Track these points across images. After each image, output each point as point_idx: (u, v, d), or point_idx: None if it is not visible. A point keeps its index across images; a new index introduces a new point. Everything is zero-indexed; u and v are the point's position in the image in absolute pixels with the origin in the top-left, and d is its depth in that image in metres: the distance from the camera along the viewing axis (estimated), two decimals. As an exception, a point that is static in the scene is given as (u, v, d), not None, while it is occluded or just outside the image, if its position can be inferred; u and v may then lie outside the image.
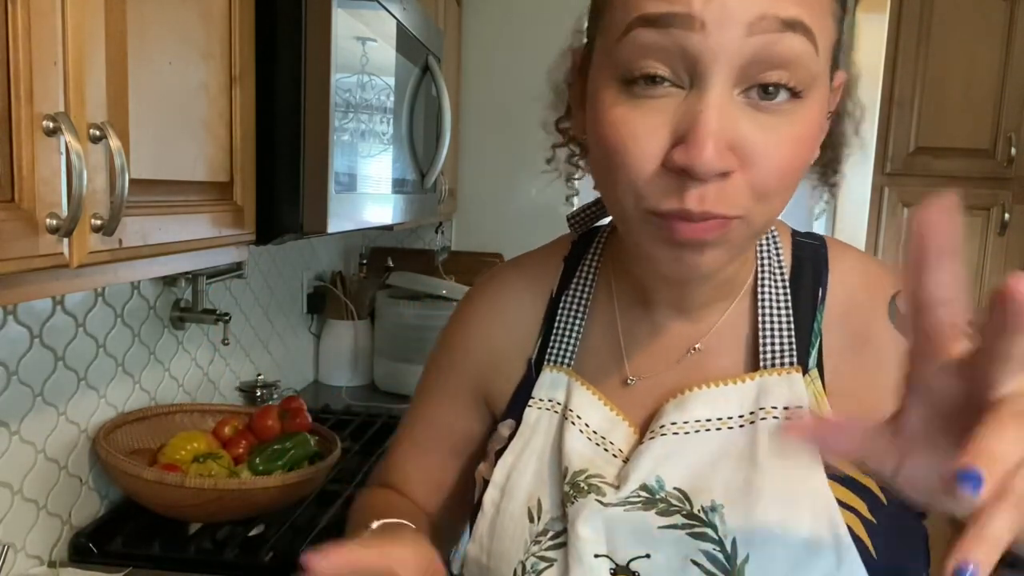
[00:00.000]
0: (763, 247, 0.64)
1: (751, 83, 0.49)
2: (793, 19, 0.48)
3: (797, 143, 0.51)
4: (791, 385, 0.59)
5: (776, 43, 0.48)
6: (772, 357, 0.61)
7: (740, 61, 0.48)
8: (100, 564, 1.17)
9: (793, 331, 0.61)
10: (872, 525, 0.55)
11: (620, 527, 0.57)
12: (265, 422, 1.39)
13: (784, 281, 0.63)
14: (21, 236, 0.59)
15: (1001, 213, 2.43)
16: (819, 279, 0.63)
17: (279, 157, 1.00)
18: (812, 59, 0.49)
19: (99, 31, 0.66)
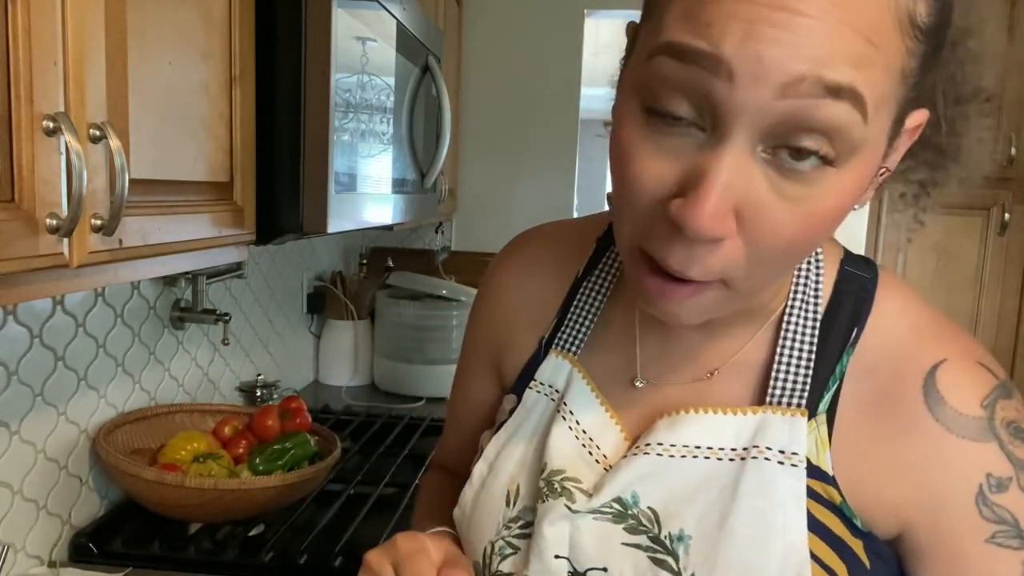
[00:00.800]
0: (800, 274, 0.59)
1: (779, 143, 0.43)
2: (840, 85, 0.41)
3: (816, 218, 0.45)
4: (792, 427, 0.55)
5: (815, 109, 0.42)
6: (780, 395, 0.56)
7: (768, 121, 0.43)
8: (100, 564, 1.17)
9: (811, 371, 0.56)
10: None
11: (585, 535, 0.57)
12: (265, 422, 1.39)
13: (816, 315, 0.58)
14: (21, 236, 0.59)
15: (1001, 213, 2.43)
16: (857, 318, 0.57)
17: (279, 157, 1.00)
18: (858, 128, 0.43)
19: (99, 31, 0.66)
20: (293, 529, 1.30)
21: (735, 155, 0.43)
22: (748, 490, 0.54)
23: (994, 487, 0.53)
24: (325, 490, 1.42)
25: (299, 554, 1.19)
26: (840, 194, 0.45)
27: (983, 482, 0.53)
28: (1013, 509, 0.53)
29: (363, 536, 1.27)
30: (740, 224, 0.45)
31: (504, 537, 0.61)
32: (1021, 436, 0.54)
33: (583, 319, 0.66)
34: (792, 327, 0.58)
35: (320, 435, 1.41)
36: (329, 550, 1.21)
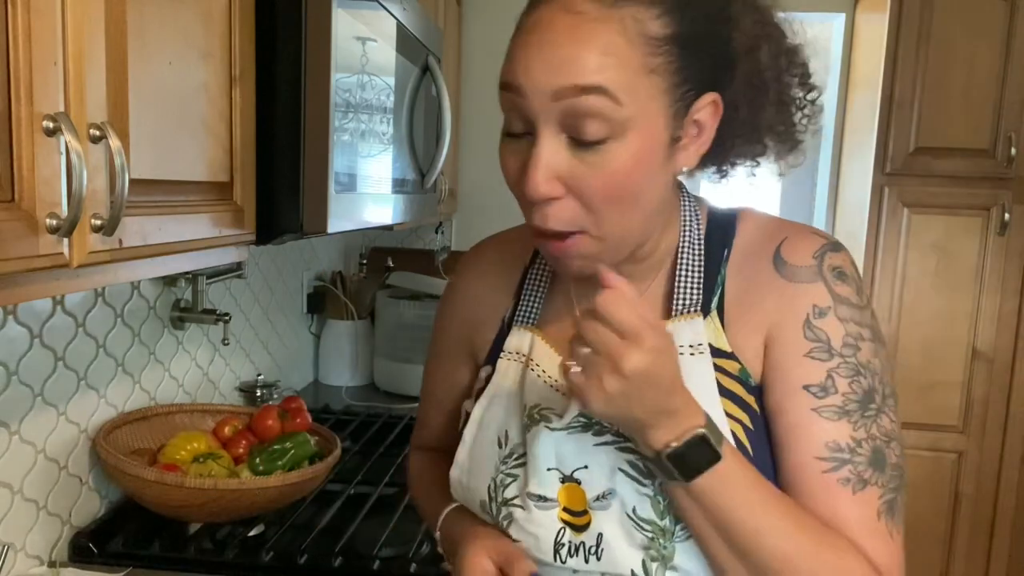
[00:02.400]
0: (685, 221, 0.78)
1: (570, 133, 0.65)
2: (586, 84, 0.62)
3: (618, 174, 0.65)
4: (693, 327, 0.73)
5: (578, 103, 0.63)
6: (681, 307, 0.75)
7: (555, 115, 0.64)
8: (100, 564, 1.17)
9: (702, 284, 0.75)
10: (750, 431, 0.71)
11: (565, 446, 0.73)
12: (265, 422, 1.39)
13: (700, 247, 0.77)
14: (21, 236, 0.59)
15: (1001, 213, 2.43)
16: (725, 240, 0.77)
17: (279, 157, 1.00)
18: (615, 110, 0.63)
19: (99, 31, 0.66)
20: (293, 529, 1.30)
21: (546, 140, 0.65)
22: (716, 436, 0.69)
23: (817, 315, 0.71)
24: (325, 490, 1.42)
25: (299, 554, 1.19)
26: (629, 155, 0.65)
27: (809, 311, 0.71)
28: (828, 331, 0.71)
29: (363, 536, 1.27)
30: (567, 187, 0.66)
31: (503, 471, 0.76)
32: (842, 278, 0.73)
33: (534, 298, 0.83)
34: (684, 258, 0.76)
35: (320, 435, 1.41)
36: (329, 550, 1.21)
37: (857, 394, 0.69)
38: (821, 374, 0.70)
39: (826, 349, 0.70)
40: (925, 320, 2.49)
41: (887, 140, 2.44)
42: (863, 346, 0.71)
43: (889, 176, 2.46)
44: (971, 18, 2.37)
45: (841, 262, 0.73)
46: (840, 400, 0.69)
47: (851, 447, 0.69)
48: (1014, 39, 2.35)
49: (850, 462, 0.68)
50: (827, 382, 0.70)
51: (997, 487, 2.53)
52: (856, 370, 0.70)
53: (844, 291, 0.72)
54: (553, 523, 0.73)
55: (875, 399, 0.70)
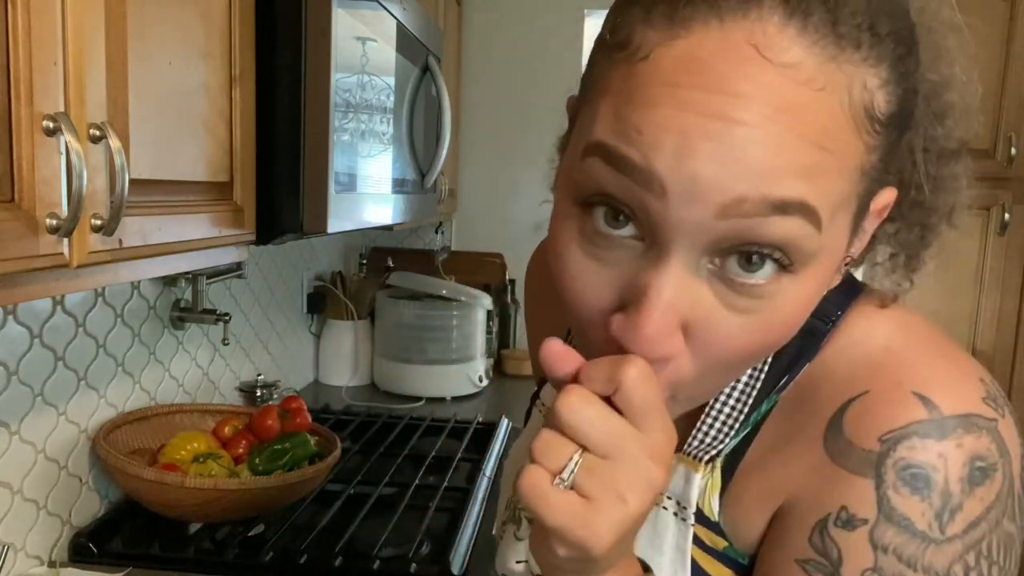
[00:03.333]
0: None
1: (724, 255, 0.39)
2: (787, 201, 0.37)
3: (773, 328, 0.41)
4: (687, 481, 0.51)
5: (760, 227, 0.37)
6: (695, 448, 0.52)
7: (710, 239, 0.38)
8: (100, 564, 1.17)
9: (736, 423, 0.51)
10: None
11: None
12: (265, 422, 1.39)
13: (764, 365, 0.51)
14: (21, 236, 0.59)
15: (1001, 213, 2.43)
16: (794, 364, 0.50)
17: (279, 157, 1.00)
18: (811, 239, 0.38)
19: (99, 31, 0.66)
20: (293, 529, 1.30)
21: (678, 270, 0.39)
22: (647, 535, 0.51)
23: (842, 522, 0.45)
24: (325, 490, 1.42)
25: (299, 554, 1.19)
26: (798, 301, 0.41)
27: (833, 512, 0.46)
28: (844, 550, 0.45)
29: (363, 536, 1.27)
30: (688, 339, 0.40)
31: (499, 528, 0.67)
32: (914, 483, 0.44)
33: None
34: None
35: (320, 435, 1.41)
36: (329, 550, 1.21)
37: None
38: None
39: (828, 571, 0.45)
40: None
41: (887, 140, 2.44)
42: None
43: (889, 176, 2.47)
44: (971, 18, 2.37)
45: (931, 459, 0.44)
46: None
47: None
48: (1014, 39, 2.35)
49: None
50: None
51: (997, 487, 2.53)
52: None
53: (907, 507, 0.44)
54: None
55: None
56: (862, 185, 0.41)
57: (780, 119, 0.36)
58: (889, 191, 0.45)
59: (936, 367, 0.47)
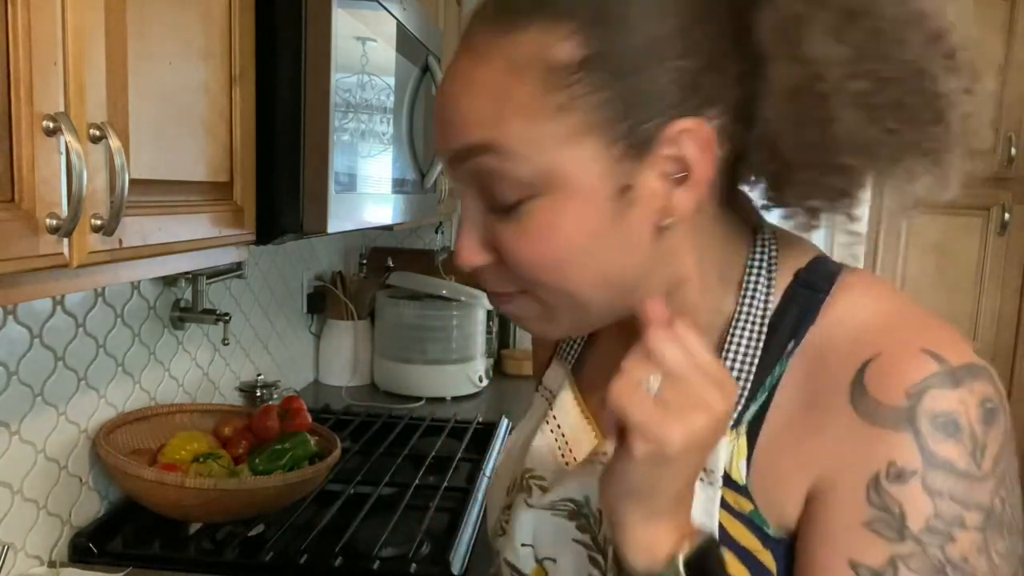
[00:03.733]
0: (750, 286, 0.57)
1: (483, 194, 0.53)
2: (474, 144, 0.51)
3: (536, 239, 0.52)
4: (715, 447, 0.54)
5: (475, 166, 0.52)
6: None
7: (465, 179, 0.54)
8: (100, 564, 1.17)
9: (748, 389, 0.55)
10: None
11: (544, 526, 0.63)
12: (265, 422, 1.39)
13: (762, 328, 0.56)
14: (21, 236, 0.59)
15: (1001, 213, 2.43)
16: (797, 330, 0.55)
17: (279, 157, 1.00)
18: (514, 168, 0.51)
19: (99, 31, 0.66)
20: (293, 529, 1.30)
21: (468, 207, 0.55)
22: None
23: (893, 476, 0.50)
24: (325, 490, 1.42)
25: (299, 554, 1.19)
26: (554, 215, 0.51)
27: (882, 469, 0.50)
28: (904, 503, 0.49)
29: (363, 536, 1.27)
30: (496, 253, 0.54)
31: (500, 521, 0.68)
32: (948, 430, 0.49)
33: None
34: (735, 344, 0.56)
35: (320, 435, 1.41)
36: (329, 550, 1.21)
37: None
38: (880, 557, 0.49)
39: (895, 526, 0.49)
40: (925, 320, 2.50)
41: (887, 140, 2.44)
42: (961, 536, 0.48)
43: (889, 176, 2.47)
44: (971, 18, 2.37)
45: (955, 406, 0.49)
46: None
47: None
48: (1014, 39, 2.35)
49: None
50: (887, 570, 0.49)
51: (997, 487, 2.53)
52: (939, 567, 0.48)
53: (947, 451, 0.49)
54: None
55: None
56: (582, 121, 0.49)
57: (467, 88, 0.52)
58: (682, 122, 0.50)
59: (932, 327, 0.53)
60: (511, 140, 0.50)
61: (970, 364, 0.51)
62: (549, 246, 0.52)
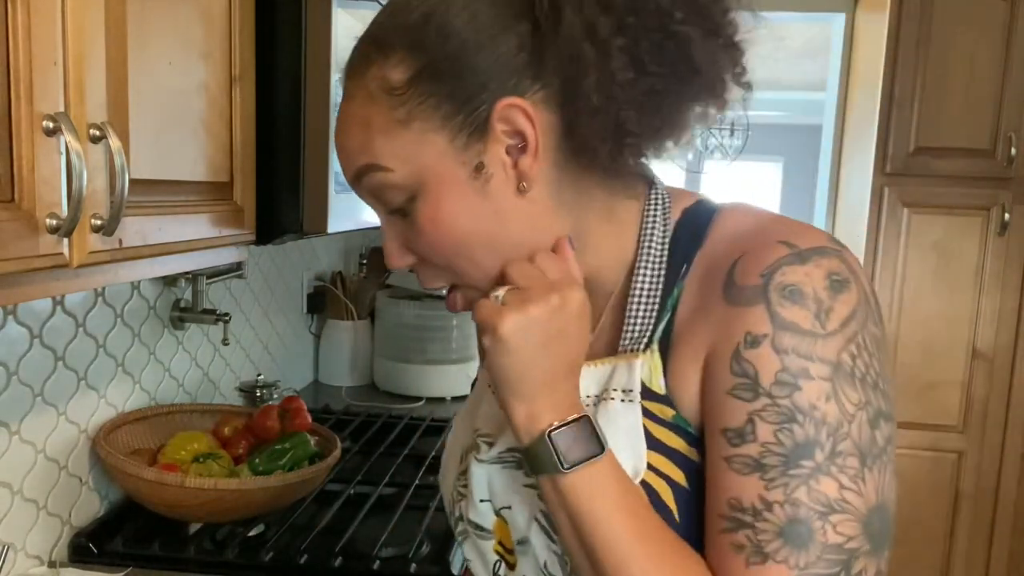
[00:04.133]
0: (648, 225, 0.65)
1: (384, 206, 0.64)
2: (360, 167, 0.62)
3: (428, 230, 0.62)
4: (631, 369, 0.62)
5: (367, 184, 0.63)
6: (629, 342, 0.63)
7: (368, 197, 0.64)
8: (100, 564, 1.17)
9: (655, 313, 0.63)
10: (683, 491, 0.60)
11: (496, 478, 0.68)
12: (265, 422, 1.39)
13: (662, 261, 0.64)
14: (21, 236, 0.59)
15: (1001, 213, 2.43)
16: (689, 252, 0.64)
17: (279, 157, 1.00)
18: (391, 176, 0.61)
19: (99, 31, 0.66)
20: (293, 529, 1.30)
21: (382, 219, 0.65)
22: (603, 429, 0.60)
23: (748, 343, 0.57)
24: (325, 490, 1.42)
25: (299, 554, 1.19)
26: (431, 208, 0.61)
27: (740, 339, 0.57)
28: (757, 364, 0.56)
29: (363, 536, 1.27)
30: (415, 252, 0.64)
31: (457, 487, 0.73)
32: (793, 297, 0.56)
33: None
34: (641, 278, 0.64)
35: (320, 435, 1.41)
36: (329, 550, 1.21)
37: (783, 445, 0.55)
38: (741, 416, 0.56)
39: (751, 387, 0.56)
40: (925, 320, 2.50)
41: (887, 140, 2.44)
42: (807, 386, 0.55)
43: (889, 176, 2.47)
44: (971, 18, 2.37)
45: (800, 278, 0.57)
46: (756, 450, 0.55)
47: (756, 509, 0.55)
48: (1014, 39, 2.35)
49: (750, 526, 0.55)
50: (746, 427, 0.56)
51: (997, 487, 2.53)
52: (789, 415, 0.55)
53: (793, 314, 0.56)
54: (491, 554, 0.71)
55: (813, 455, 0.54)
56: (425, 125, 0.60)
57: (345, 126, 0.63)
58: (500, 103, 0.59)
59: (791, 225, 0.62)
60: (380, 157, 0.61)
61: (820, 247, 0.58)
62: (442, 233, 0.61)
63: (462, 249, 0.62)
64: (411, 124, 0.60)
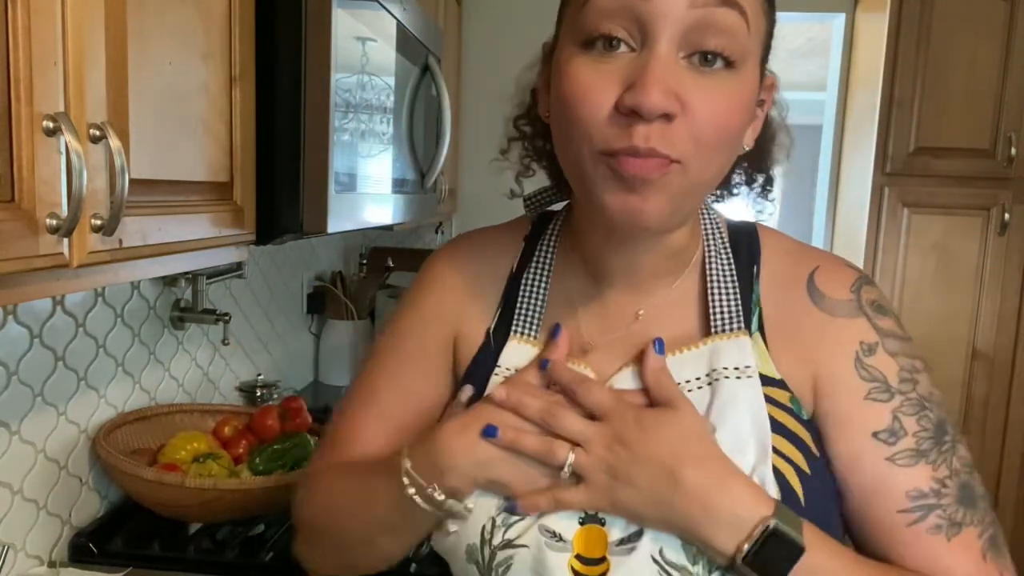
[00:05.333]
0: (707, 226, 0.71)
1: (692, 49, 0.57)
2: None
3: (730, 104, 0.58)
4: (740, 347, 0.66)
5: (714, 15, 0.56)
6: (722, 323, 0.67)
7: (682, 27, 0.56)
8: (100, 564, 1.17)
9: (739, 299, 0.68)
10: (806, 476, 0.63)
11: None
12: (265, 422, 1.39)
13: (728, 254, 0.70)
14: (21, 236, 0.59)
15: (1001, 213, 2.43)
16: (753, 256, 0.71)
17: (279, 157, 1.00)
18: (744, 34, 0.57)
19: (99, 31, 0.66)
20: (293, 529, 1.30)
21: (664, 54, 0.56)
22: (720, 406, 0.64)
23: (866, 352, 0.66)
24: (325, 490, 1.42)
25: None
26: (742, 91, 0.59)
27: (858, 349, 0.66)
28: (882, 368, 0.65)
29: (363, 536, 1.27)
30: (680, 107, 0.56)
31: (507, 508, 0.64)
32: (882, 311, 0.68)
33: (533, 306, 0.72)
34: (714, 266, 0.69)
35: (320, 435, 1.40)
36: (329, 550, 1.21)
37: (928, 430, 0.64)
38: (886, 417, 0.64)
39: (884, 388, 0.65)
40: (925, 320, 2.50)
41: (887, 140, 2.44)
42: (920, 378, 0.66)
43: (889, 176, 2.46)
44: (971, 18, 2.37)
45: (877, 296, 0.69)
46: (912, 441, 0.63)
47: (935, 490, 0.63)
48: (1014, 39, 2.35)
49: (937, 507, 0.62)
50: (894, 424, 0.64)
51: (997, 487, 2.53)
52: (920, 404, 0.65)
53: (887, 324, 0.67)
54: (560, 570, 0.62)
55: (947, 430, 0.65)
56: (764, 27, 0.60)
57: None
58: (771, 75, 0.65)
59: (829, 252, 0.73)
60: (753, 16, 0.58)
61: (865, 273, 0.71)
62: (731, 115, 0.59)
63: (725, 140, 0.59)
64: (765, 19, 0.60)
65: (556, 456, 0.61)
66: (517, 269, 0.76)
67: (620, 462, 0.60)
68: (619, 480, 0.60)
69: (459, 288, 0.76)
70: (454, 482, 0.62)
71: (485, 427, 0.62)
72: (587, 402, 0.63)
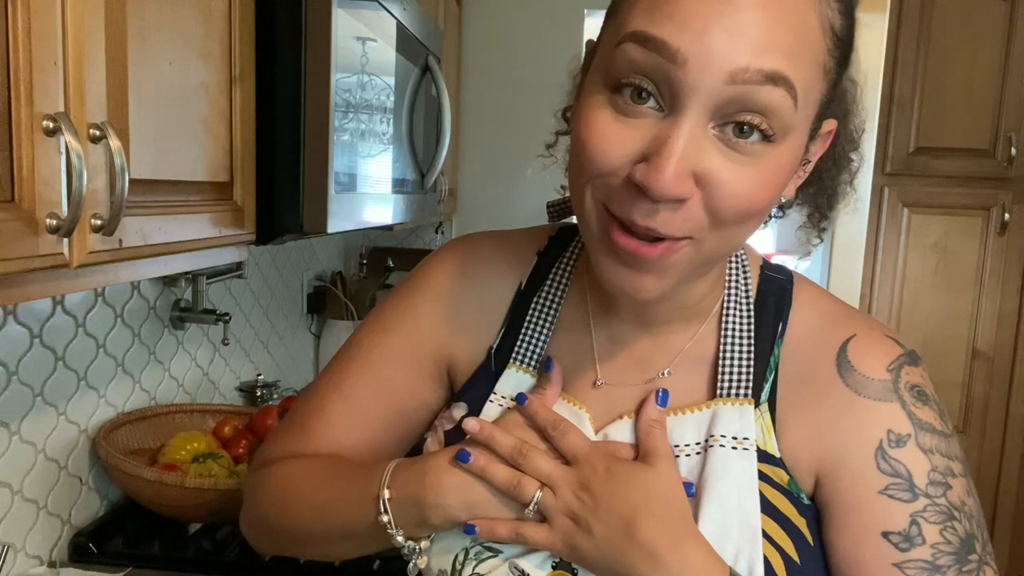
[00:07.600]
0: (732, 274, 0.65)
1: (726, 120, 0.50)
2: (775, 73, 0.49)
3: (760, 184, 0.52)
4: (742, 416, 0.60)
5: (755, 93, 0.49)
6: (729, 387, 0.62)
7: (717, 102, 0.49)
8: (100, 564, 1.17)
9: (752, 362, 0.62)
10: (795, 567, 0.58)
11: None
12: (265, 422, 1.39)
13: (749, 311, 0.64)
14: (21, 236, 0.59)
15: (1001, 213, 2.43)
16: (781, 313, 0.64)
17: (279, 157, 1.00)
18: (790, 112, 0.50)
19: (99, 31, 0.66)
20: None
21: (690, 127, 0.50)
22: (710, 477, 0.59)
23: (893, 442, 0.58)
24: (325, 490, 1.42)
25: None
26: (778, 167, 0.52)
27: (884, 437, 0.59)
28: (908, 464, 0.58)
29: (363, 536, 1.27)
30: (699, 187, 0.51)
31: (480, 543, 0.62)
32: (923, 399, 0.60)
33: (538, 334, 0.68)
34: (731, 323, 0.64)
35: (320, 435, 1.40)
36: (329, 550, 1.21)
37: (951, 544, 0.57)
38: (903, 519, 0.57)
39: (907, 487, 0.57)
40: (925, 320, 2.50)
41: (887, 140, 2.44)
42: (955, 483, 0.58)
43: (889, 176, 2.47)
44: (971, 18, 2.37)
45: (920, 380, 0.61)
46: (928, 553, 0.56)
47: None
48: (1014, 39, 2.35)
49: None
50: (911, 529, 0.57)
51: (997, 487, 2.53)
52: (948, 513, 0.57)
53: (926, 416, 0.59)
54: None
55: (975, 548, 0.57)
56: (823, 87, 0.53)
57: (771, 8, 0.48)
58: (831, 120, 0.58)
59: (874, 320, 0.65)
60: (800, 84, 0.50)
61: (913, 350, 0.63)
62: (764, 192, 0.52)
63: (752, 219, 0.54)
64: (823, 82, 0.53)
65: (524, 491, 0.58)
66: (527, 287, 0.71)
67: (583, 509, 0.57)
68: (580, 526, 0.57)
69: (459, 294, 0.72)
70: (435, 520, 0.60)
71: (458, 451, 0.60)
72: (560, 446, 0.60)
